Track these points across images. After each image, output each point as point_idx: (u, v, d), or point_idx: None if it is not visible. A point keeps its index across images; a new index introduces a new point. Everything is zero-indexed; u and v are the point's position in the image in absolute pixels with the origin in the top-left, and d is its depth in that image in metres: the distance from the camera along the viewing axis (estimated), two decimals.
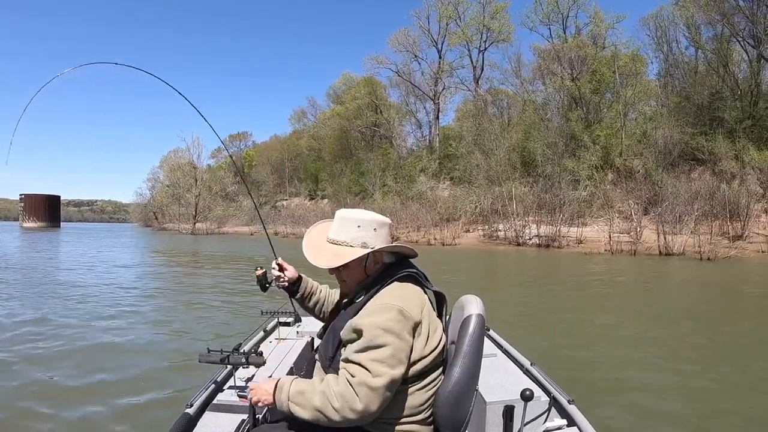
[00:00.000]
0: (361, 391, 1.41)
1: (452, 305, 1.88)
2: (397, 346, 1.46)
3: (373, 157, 48.96)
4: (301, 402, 1.48)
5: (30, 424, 3.63)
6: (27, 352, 5.52)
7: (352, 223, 1.67)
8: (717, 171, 28.04)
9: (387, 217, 1.75)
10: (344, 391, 1.43)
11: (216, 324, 7.24)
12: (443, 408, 1.61)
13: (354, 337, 1.51)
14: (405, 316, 1.49)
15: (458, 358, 1.64)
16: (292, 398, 1.49)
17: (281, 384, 1.54)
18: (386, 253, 1.71)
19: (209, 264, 18.46)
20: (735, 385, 4.65)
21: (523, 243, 30.57)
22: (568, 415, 2.19)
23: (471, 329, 1.67)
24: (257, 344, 3.09)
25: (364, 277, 1.69)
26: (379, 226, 1.68)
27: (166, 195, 69.26)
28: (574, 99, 37.44)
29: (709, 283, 13.81)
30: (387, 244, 1.69)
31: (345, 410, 1.42)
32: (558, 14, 43.90)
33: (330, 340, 1.67)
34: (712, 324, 7.85)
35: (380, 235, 1.68)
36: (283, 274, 2.08)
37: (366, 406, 1.41)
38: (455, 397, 1.60)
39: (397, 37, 51.05)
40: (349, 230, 1.67)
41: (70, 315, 7.71)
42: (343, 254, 1.63)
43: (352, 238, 1.66)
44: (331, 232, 1.72)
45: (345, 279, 1.73)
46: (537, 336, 6.53)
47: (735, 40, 32.74)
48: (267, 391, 1.57)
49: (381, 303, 1.53)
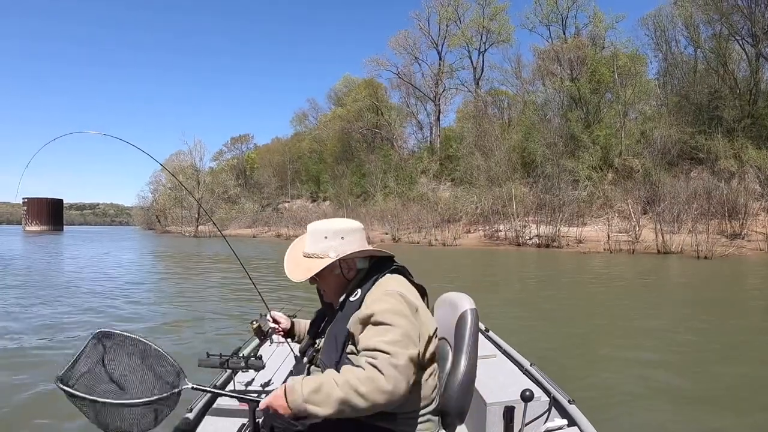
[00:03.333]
0: (387, 371, 1.38)
1: (434, 301, 1.93)
2: (408, 327, 1.48)
3: (375, 158, 49.16)
4: (319, 399, 1.39)
5: (26, 427, 3.65)
6: (27, 354, 5.54)
7: (320, 234, 1.71)
8: (716, 170, 28.14)
9: (357, 222, 1.78)
10: (370, 374, 1.38)
11: (215, 328, 7.24)
12: (453, 399, 1.65)
13: (361, 328, 1.52)
14: (407, 300, 1.54)
15: (462, 350, 1.69)
16: (308, 398, 1.39)
17: (290, 386, 1.44)
18: (359, 259, 1.73)
19: (211, 267, 18.59)
20: (736, 384, 4.66)
21: (523, 243, 30.72)
22: (569, 415, 2.19)
23: (470, 323, 1.72)
24: (257, 348, 3.06)
25: (344, 284, 1.72)
26: (346, 233, 1.70)
27: (168, 198, 69.51)
28: (573, 99, 37.57)
29: (703, 280, 13.96)
30: (360, 249, 1.70)
31: (373, 393, 1.36)
32: (557, 15, 44.10)
33: (332, 345, 1.65)
34: (710, 321, 7.89)
35: (349, 242, 1.69)
36: (278, 326, 2.14)
37: (395, 386, 1.38)
38: (463, 387, 1.65)
39: (397, 39, 51.42)
40: (318, 242, 1.70)
41: (71, 315, 7.74)
42: (312, 267, 1.67)
43: (321, 249, 1.68)
44: (305, 245, 1.75)
45: (324, 289, 1.77)
46: (537, 335, 6.56)
47: (734, 39, 32.85)
48: (279, 399, 1.44)
49: (382, 291, 1.57)
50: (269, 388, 2.47)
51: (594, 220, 30.79)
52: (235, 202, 66.37)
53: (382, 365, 1.38)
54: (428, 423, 1.62)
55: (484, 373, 2.52)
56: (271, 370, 2.63)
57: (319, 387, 1.40)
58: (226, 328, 7.25)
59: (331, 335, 1.69)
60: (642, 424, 3.72)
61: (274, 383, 2.54)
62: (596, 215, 31.09)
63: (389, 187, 45.80)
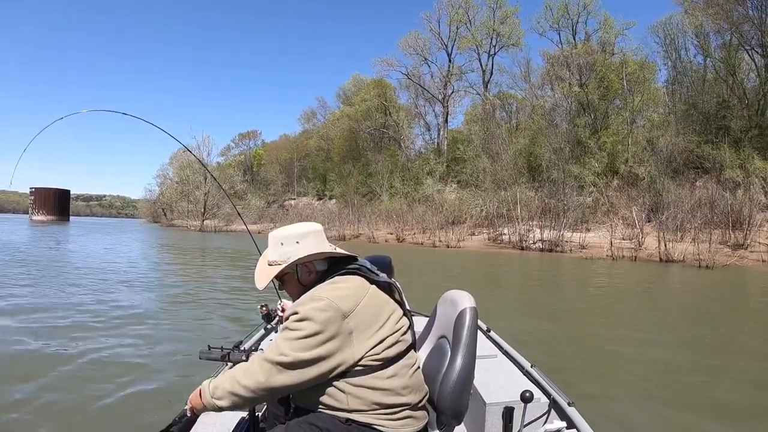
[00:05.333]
0: (263, 366, 1.49)
1: (438, 300, 1.99)
2: (313, 333, 1.49)
3: (381, 158, 49.34)
4: (219, 393, 1.54)
5: (28, 420, 3.64)
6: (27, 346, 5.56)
7: (276, 241, 1.74)
8: (721, 180, 28.13)
9: (315, 224, 1.79)
10: (249, 367, 1.52)
11: (218, 320, 7.26)
12: (448, 398, 1.66)
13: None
14: (331, 307, 1.52)
15: (458, 348, 1.71)
16: (213, 394, 1.54)
17: (203, 386, 1.59)
18: (318, 261, 1.74)
19: (215, 260, 18.79)
20: (735, 390, 4.71)
21: (527, 247, 30.84)
22: (568, 417, 2.19)
23: (468, 321, 1.74)
24: (258, 342, 3.07)
25: (301, 288, 1.72)
26: (300, 237, 1.72)
27: (175, 192, 69.91)
28: (581, 105, 37.62)
29: (704, 289, 14.09)
30: (318, 251, 1.71)
31: (251, 384, 1.49)
32: (568, 20, 44.18)
33: None
34: (710, 328, 8.02)
35: (305, 245, 1.70)
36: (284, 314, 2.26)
37: (267, 379, 1.49)
38: (459, 386, 1.66)
39: (407, 39, 51.50)
40: (276, 249, 1.73)
41: (74, 307, 7.85)
42: (270, 273, 1.71)
43: (280, 256, 1.71)
44: (267, 254, 1.78)
45: (289, 293, 1.80)
46: (537, 337, 6.67)
47: (743, 49, 32.82)
48: (195, 399, 1.61)
49: (309, 295, 1.59)
50: None
51: (598, 226, 30.87)
52: (242, 198, 66.67)
53: (261, 359, 1.51)
54: (409, 419, 1.61)
55: (484, 373, 2.57)
56: None
57: (219, 383, 1.55)
58: (227, 321, 7.31)
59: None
60: (641, 429, 3.77)
61: None
62: (600, 221, 31.17)
63: (395, 188, 45.94)
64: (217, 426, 2.06)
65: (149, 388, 4.31)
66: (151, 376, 4.64)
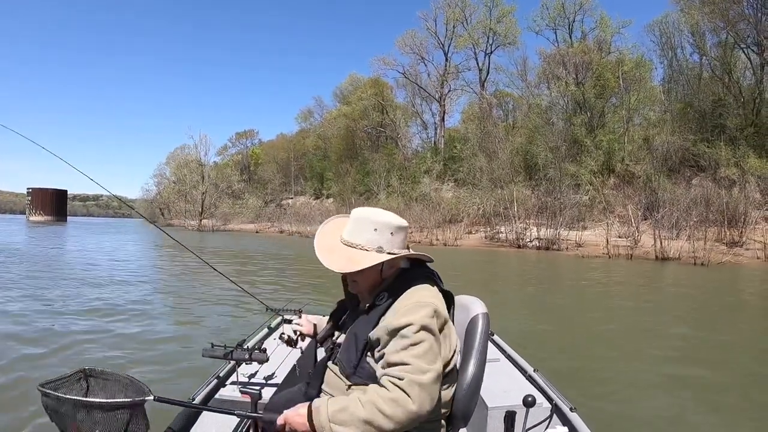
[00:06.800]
0: (413, 392, 1.34)
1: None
2: (434, 342, 1.43)
3: (379, 157, 49.36)
4: (344, 419, 1.35)
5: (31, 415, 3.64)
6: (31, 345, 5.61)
7: (368, 225, 1.59)
8: (717, 178, 28.25)
9: (404, 220, 1.67)
10: (395, 395, 1.35)
11: (220, 319, 7.27)
12: (461, 402, 1.64)
13: (387, 339, 1.46)
14: (438, 314, 1.48)
15: (471, 353, 1.69)
16: (333, 418, 1.36)
17: (316, 406, 1.41)
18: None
19: (215, 260, 18.82)
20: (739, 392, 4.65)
21: (524, 245, 30.93)
22: (570, 422, 2.17)
23: (481, 327, 1.72)
24: (261, 341, 3.06)
25: (379, 281, 1.63)
26: (395, 230, 1.60)
27: (172, 191, 69.89)
28: (578, 103, 37.72)
29: (697, 287, 14.16)
30: (403, 248, 1.63)
31: (398, 414, 1.33)
32: (564, 18, 44.27)
33: (352, 346, 1.59)
34: (709, 325, 8.04)
35: (397, 239, 1.60)
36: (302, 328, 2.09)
37: (420, 406, 1.35)
38: (471, 391, 1.66)
39: (404, 38, 51.58)
40: (364, 232, 1.59)
41: (76, 306, 7.95)
42: (358, 260, 1.55)
43: (367, 241, 1.58)
44: (345, 232, 1.64)
45: (356, 280, 1.65)
46: (538, 338, 6.67)
47: (739, 48, 32.93)
48: (300, 417, 1.43)
49: (414, 301, 1.49)
50: (272, 381, 2.49)
51: (594, 224, 30.98)
52: (239, 197, 66.70)
53: (408, 385, 1.35)
54: (439, 428, 1.60)
55: (487, 377, 2.45)
56: (274, 364, 2.59)
57: (345, 407, 1.37)
58: (230, 320, 7.34)
59: (352, 335, 1.63)
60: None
61: (277, 376, 2.54)
62: (597, 219, 31.30)
63: (392, 186, 46.01)
64: (218, 425, 2.03)
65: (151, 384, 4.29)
66: (154, 373, 4.66)
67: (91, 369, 1.53)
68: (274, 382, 2.48)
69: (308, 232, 45.79)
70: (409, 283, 1.58)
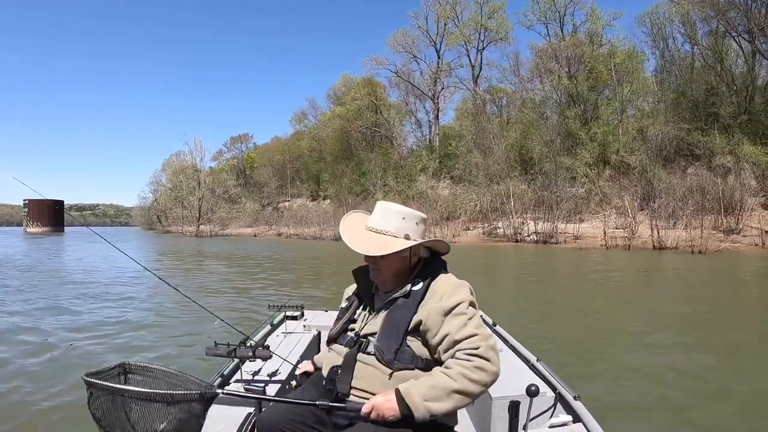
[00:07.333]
0: (491, 355, 1.49)
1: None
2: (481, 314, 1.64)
3: (374, 157, 49.39)
4: (437, 395, 1.46)
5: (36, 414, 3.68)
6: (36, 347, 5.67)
7: (396, 214, 1.73)
8: (712, 166, 28.35)
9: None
10: (478, 363, 1.47)
11: (223, 317, 7.35)
12: None
13: (442, 320, 1.57)
14: (472, 292, 1.66)
15: None
16: (426, 396, 1.46)
17: (405, 390, 1.49)
18: (423, 248, 1.78)
19: (216, 262, 18.81)
20: (743, 381, 4.62)
21: (522, 240, 30.99)
22: (574, 411, 2.17)
23: None
24: (264, 338, 3.08)
25: (404, 268, 1.73)
26: (420, 220, 1.75)
27: (169, 198, 69.79)
28: (571, 97, 37.79)
29: (696, 274, 14.21)
30: (424, 238, 1.77)
31: (485, 378, 1.47)
32: (555, 12, 44.38)
33: (392, 332, 1.63)
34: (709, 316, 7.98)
35: (420, 229, 1.75)
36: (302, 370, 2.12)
37: (498, 366, 1.50)
38: None
39: (395, 37, 51.58)
40: (392, 221, 1.72)
41: (81, 308, 7.96)
42: (391, 244, 1.66)
43: (396, 228, 1.71)
44: (371, 220, 1.77)
45: (381, 268, 1.72)
46: (539, 329, 6.64)
47: (730, 36, 33.06)
48: (389, 402, 1.50)
49: (453, 283, 1.66)
50: (276, 378, 2.48)
51: (591, 216, 31.07)
52: (236, 202, 66.64)
53: (485, 352, 1.48)
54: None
55: None
56: (278, 360, 2.59)
57: (433, 384, 1.47)
58: (233, 318, 7.17)
59: (390, 322, 1.65)
60: (646, 421, 3.73)
61: (281, 373, 2.53)
62: (593, 212, 31.39)
63: (389, 186, 46.05)
64: (226, 419, 2.04)
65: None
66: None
67: (128, 364, 1.49)
68: (278, 378, 2.48)
69: (306, 234, 45.76)
70: (438, 270, 1.73)
